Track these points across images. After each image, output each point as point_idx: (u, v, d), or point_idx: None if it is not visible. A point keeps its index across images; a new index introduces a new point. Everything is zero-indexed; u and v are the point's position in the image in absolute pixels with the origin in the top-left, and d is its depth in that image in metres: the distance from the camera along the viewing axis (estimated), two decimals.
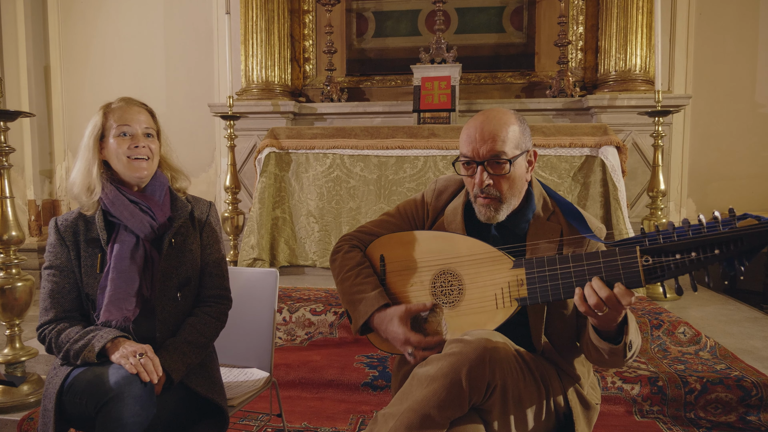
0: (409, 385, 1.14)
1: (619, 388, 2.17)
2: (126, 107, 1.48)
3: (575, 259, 1.13)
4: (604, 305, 1.07)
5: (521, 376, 1.16)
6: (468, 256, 1.26)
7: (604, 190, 3.24)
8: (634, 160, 3.80)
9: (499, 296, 1.21)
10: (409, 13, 4.37)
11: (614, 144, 3.19)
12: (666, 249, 1.04)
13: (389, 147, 3.46)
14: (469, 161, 1.30)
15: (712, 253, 0.99)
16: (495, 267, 1.22)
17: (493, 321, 1.21)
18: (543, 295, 1.17)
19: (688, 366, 2.29)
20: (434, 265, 1.30)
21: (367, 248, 1.45)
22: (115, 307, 1.35)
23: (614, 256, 1.08)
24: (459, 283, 1.27)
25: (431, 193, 1.48)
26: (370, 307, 1.31)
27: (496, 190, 1.28)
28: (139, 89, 4.83)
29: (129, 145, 1.44)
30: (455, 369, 1.08)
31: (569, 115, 4.02)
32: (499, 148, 1.26)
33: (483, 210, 1.31)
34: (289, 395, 2.30)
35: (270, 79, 4.30)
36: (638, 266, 1.06)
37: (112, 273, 1.37)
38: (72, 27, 4.99)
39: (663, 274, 1.05)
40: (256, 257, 3.48)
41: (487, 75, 4.28)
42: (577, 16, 4.15)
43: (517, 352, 1.20)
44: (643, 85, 3.81)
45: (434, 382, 1.09)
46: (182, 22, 4.81)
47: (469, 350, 1.10)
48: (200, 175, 4.93)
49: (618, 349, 1.15)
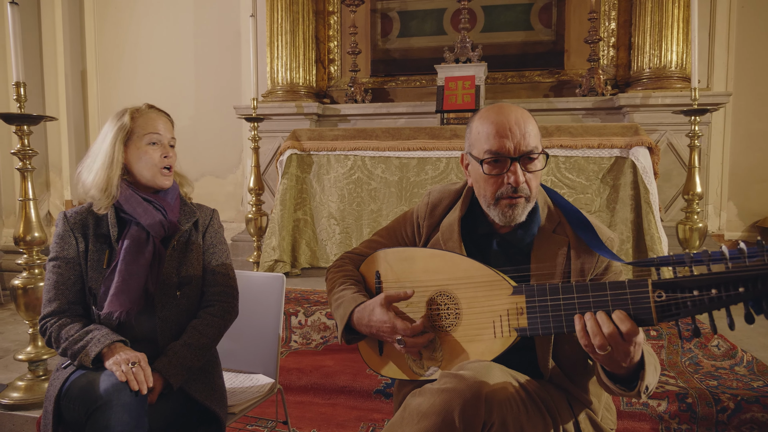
0: (401, 418, 1.06)
1: (644, 404, 2.06)
2: (155, 116, 1.52)
3: (580, 289, 1.01)
4: (608, 345, 0.96)
5: (523, 410, 1.07)
6: (465, 278, 1.16)
7: (635, 192, 3.09)
8: (669, 162, 3.62)
9: (498, 324, 1.11)
10: (434, 12, 4.30)
11: (646, 144, 3.04)
12: (682, 284, 0.90)
13: (411, 148, 3.40)
14: (498, 158, 1.18)
15: (736, 291, 0.85)
16: (494, 292, 1.12)
17: (491, 351, 1.12)
18: (544, 327, 1.06)
19: (721, 382, 2.15)
20: (431, 286, 1.21)
21: (365, 262, 1.38)
22: (119, 299, 1.36)
23: (623, 288, 0.96)
24: (456, 307, 1.18)
25: (424, 208, 1.38)
26: (348, 307, 1.24)
27: (528, 188, 1.19)
28: (169, 92, 4.93)
29: (161, 155, 1.49)
30: (448, 407, 1.00)
31: (600, 114, 3.87)
32: (533, 142, 1.18)
33: (509, 212, 1.19)
34: (301, 400, 2.28)
35: (295, 80, 4.30)
36: (650, 302, 0.93)
37: (120, 265, 1.38)
38: (107, 33, 5.13)
39: (678, 312, 0.91)
40: (277, 259, 3.48)
41: (514, 74, 4.17)
42: (609, 11, 3.99)
43: (519, 383, 1.11)
44: (679, 82, 3.62)
45: (425, 420, 1.01)
46: (211, 25, 4.88)
47: (463, 387, 1.01)
48: (227, 177, 4.99)
49: (632, 394, 1.04)
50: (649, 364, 1.03)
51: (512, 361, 1.16)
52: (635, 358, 0.99)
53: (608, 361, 0.99)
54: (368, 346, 1.34)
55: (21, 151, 2.20)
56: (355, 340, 1.31)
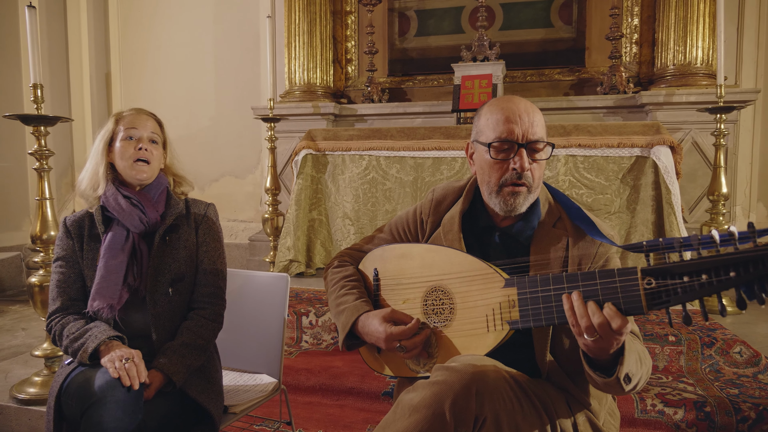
0: (393, 413, 1.06)
1: (660, 411, 1.98)
2: (136, 115, 1.57)
3: (570, 279, 0.99)
4: (595, 332, 0.94)
5: (518, 407, 1.05)
6: (459, 273, 1.15)
7: (656, 193, 3.00)
8: (694, 161, 3.51)
9: (490, 318, 1.10)
10: (452, 11, 4.25)
11: (667, 143, 2.94)
12: (672, 270, 0.87)
13: (426, 148, 3.36)
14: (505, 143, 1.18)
15: (727, 276, 0.82)
16: (486, 285, 1.11)
17: (484, 345, 1.11)
18: (536, 319, 1.04)
19: (742, 391, 2.06)
20: (426, 282, 1.21)
21: (363, 260, 1.38)
22: (101, 295, 1.39)
23: (613, 277, 0.94)
24: (450, 302, 1.17)
25: (428, 204, 1.38)
26: (351, 316, 1.24)
27: (531, 176, 1.19)
28: (190, 94, 5.00)
29: (134, 147, 1.51)
30: (438, 400, 0.99)
31: (621, 113, 3.77)
32: (540, 132, 1.20)
33: (511, 200, 1.19)
34: (310, 401, 2.27)
35: (312, 81, 4.31)
36: (639, 289, 0.91)
37: (100, 263, 1.42)
38: (130, 35, 5.23)
39: (668, 300, 0.88)
40: (292, 259, 3.49)
41: (533, 72, 4.09)
42: (632, 7, 3.88)
43: (513, 379, 1.08)
44: (704, 79, 3.50)
45: (416, 413, 1.00)
46: (230, 27, 4.93)
47: (454, 380, 1.00)
48: (247, 177, 5.03)
49: (611, 382, 1.01)
50: (630, 351, 1.01)
51: (509, 357, 1.15)
52: (619, 344, 0.98)
53: (595, 348, 0.97)
54: (367, 345, 1.34)
55: (38, 152, 2.25)
56: (355, 346, 1.32)
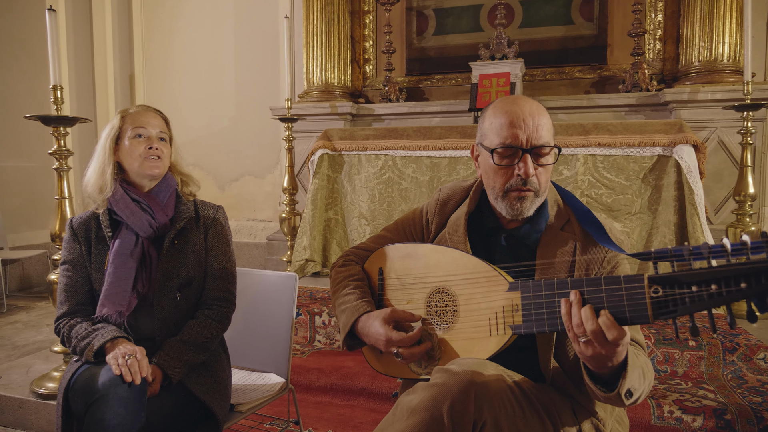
0: (392, 415, 1.04)
1: (677, 419, 1.92)
2: (143, 112, 1.55)
3: (575, 285, 0.96)
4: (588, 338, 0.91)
5: (519, 412, 1.02)
6: (464, 274, 1.13)
7: (679, 193, 2.91)
8: (719, 161, 3.39)
9: (493, 322, 1.07)
10: (470, 9, 4.21)
11: (691, 142, 2.85)
12: (680, 279, 0.83)
13: (442, 147, 3.33)
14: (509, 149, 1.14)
15: (738, 287, 0.78)
16: (490, 288, 1.09)
17: (486, 349, 1.08)
18: (539, 324, 1.01)
19: (766, 399, 1.98)
20: (430, 283, 1.19)
21: (369, 259, 1.37)
22: (110, 302, 1.39)
23: (619, 284, 0.90)
24: (454, 304, 1.15)
25: (434, 204, 1.36)
26: (351, 316, 1.22)
27: (537, 182, 1.15)
28: (211, 94, 5.06)
29: (145, 146, 1.50)
30: (436, 403, 0.97)
31: (644, 111, 3.67)
32: (545, 136, 1.15)
33: (517, 204, 1.16)
34: (320, 401, 2.27)
35: (330, 80, 4.32)
36: (645, 298, 0.87)
37: (109, 268, 1.41)
38: (153, 38, 5.32)
39: (675, 309, 0.84)
40: (308, 258, 3.50)
41: (553, 70, 4.02)
42: (655, 2, 3.78)
43: (515, 383, 1.06)
44: (731, 76, 3.39)
45: (414, 416, 0.98)
46: (250, 28, 4.97)
47: (452, 383, 0.98)
48: (266, 177, 5.07)
49: (612, 397, 0.97)
50: (634, 366, 0.97)
51: (513, 361, 1.12)
52: (620, 357, 0.94)
53: (592, 358, 0.94)
54: (369, 345, 1.33)
55: (57, 152, 2.30)
56: (357, 346, 1.30)
